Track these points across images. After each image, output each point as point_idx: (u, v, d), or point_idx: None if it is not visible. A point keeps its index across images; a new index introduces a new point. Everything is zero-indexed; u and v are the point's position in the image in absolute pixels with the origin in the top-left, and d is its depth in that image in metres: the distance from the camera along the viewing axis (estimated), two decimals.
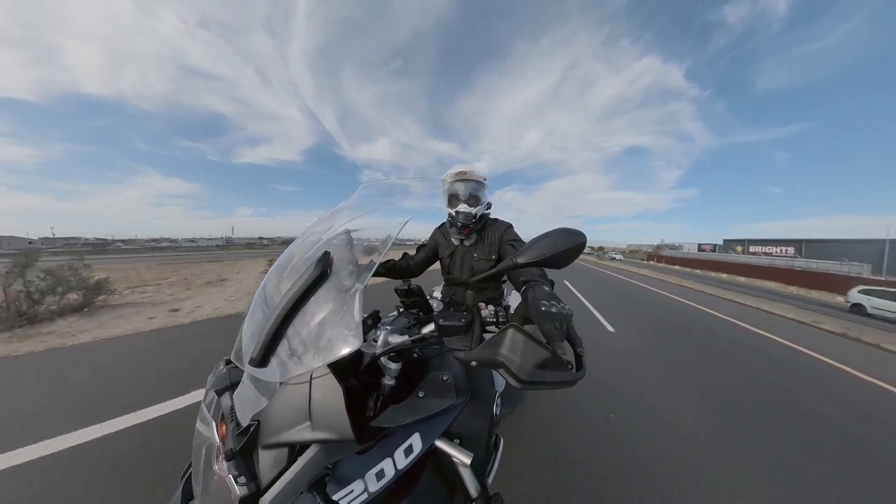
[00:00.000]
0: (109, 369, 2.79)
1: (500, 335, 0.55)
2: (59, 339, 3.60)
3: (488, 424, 0.81)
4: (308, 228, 0.82)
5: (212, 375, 0.79)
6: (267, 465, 0.56)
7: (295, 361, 0.58)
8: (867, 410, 2.89)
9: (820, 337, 6.13)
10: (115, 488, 1.48)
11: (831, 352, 4.97)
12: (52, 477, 1.54)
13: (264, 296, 0.70)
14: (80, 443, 1.78)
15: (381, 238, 0.73)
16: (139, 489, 1.48)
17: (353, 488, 0.57)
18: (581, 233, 0.59)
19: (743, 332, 5.87)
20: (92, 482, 1.51)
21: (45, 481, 1.51)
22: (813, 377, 3.70)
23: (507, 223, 1.52)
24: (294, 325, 0.59)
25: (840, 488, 1.80)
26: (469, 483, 0.67)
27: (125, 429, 1.92)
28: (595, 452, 1.91)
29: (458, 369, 0.77)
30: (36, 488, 1.47)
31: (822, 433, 2.39)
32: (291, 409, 0.58)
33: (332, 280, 0.62)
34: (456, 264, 1.56)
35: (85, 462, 1.65)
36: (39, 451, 1.70)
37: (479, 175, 1.44)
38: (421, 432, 0.65)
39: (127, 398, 2.25)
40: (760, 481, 1.80)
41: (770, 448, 2.13)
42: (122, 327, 4.11)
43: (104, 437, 1.84)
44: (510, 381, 0.53)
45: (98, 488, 1.48)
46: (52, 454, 1.69)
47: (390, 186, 0.95)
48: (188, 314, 4.90)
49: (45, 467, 1.60)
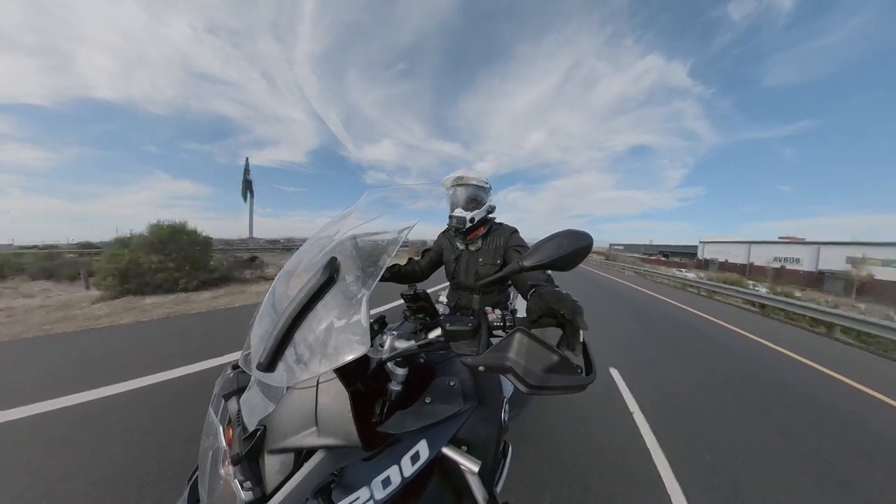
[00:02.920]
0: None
1: (507, 339, 0.55)
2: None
3: (496, 431, 0.80)
4: (315, 233, 0.83)
5: (219, 380, 0.80)
6: (273, 471, 0.56)
7: (302, 366, 0.59)
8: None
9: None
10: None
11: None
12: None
13: (272, 301, 0.71)
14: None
15: (388, 243, 0.73)
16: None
17: (358, 495, 0.57)
18: (587, 234, 0.59)
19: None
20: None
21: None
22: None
23: (512, 228, 1.52)
24: (301, 330, 0.59)
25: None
26: (477, 491, 0.66)
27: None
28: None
29: (465, 374, 0.76)
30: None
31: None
32: (298, 415, 0.58)
33: (338, 285, 0.62)
34: (461, 269, 1.56)
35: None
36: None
37: (477, 179, 1.43)
38: (428, 439, 0.65)
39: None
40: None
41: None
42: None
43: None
44: (518, 385, 0.52)
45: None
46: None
47: (396, 191, 0.95)
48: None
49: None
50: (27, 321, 4.20)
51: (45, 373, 2.60)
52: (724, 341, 4.99)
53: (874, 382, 3.64)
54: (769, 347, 4.88)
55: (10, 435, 1.82)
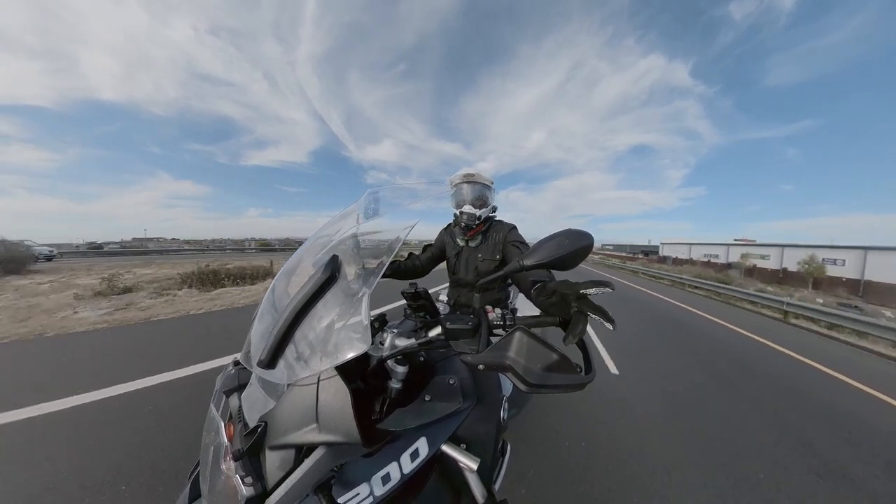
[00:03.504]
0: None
1: (507, 338, 0.55)
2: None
3: (495, 429, 0.80)
4: (317, 232, 0.83)
5: (221, 376, 0.80)
6: (274, 466, 0.56)
7: (302, 364, 0.59)
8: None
9: None
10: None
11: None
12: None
13: (273, 298, 0.71)
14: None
15: (389, 242, 0.73)
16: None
17: (358, 491, 0.57)
18: (588, 234, 0.59)
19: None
20: None
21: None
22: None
23: (510, 224, 1.53)
24: (302, 327, 0.59)
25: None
26: (475, 489, 0.66)
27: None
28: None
29: (465, 373, 0.76)
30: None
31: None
32: (298, 411, 0.58)
33: (340, 283, 0.62)
34: (461, 265, 1.57)
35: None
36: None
37: (486, 178, 1.46)
38: (427, 436, 0.65)
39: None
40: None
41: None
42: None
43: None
44: (518, 384, 0.52)
45: None
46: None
47: (397, 190, 0.95)
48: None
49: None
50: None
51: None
52: (643, 299, 9.49)
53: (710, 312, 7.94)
54: (666, 301, 9.33)
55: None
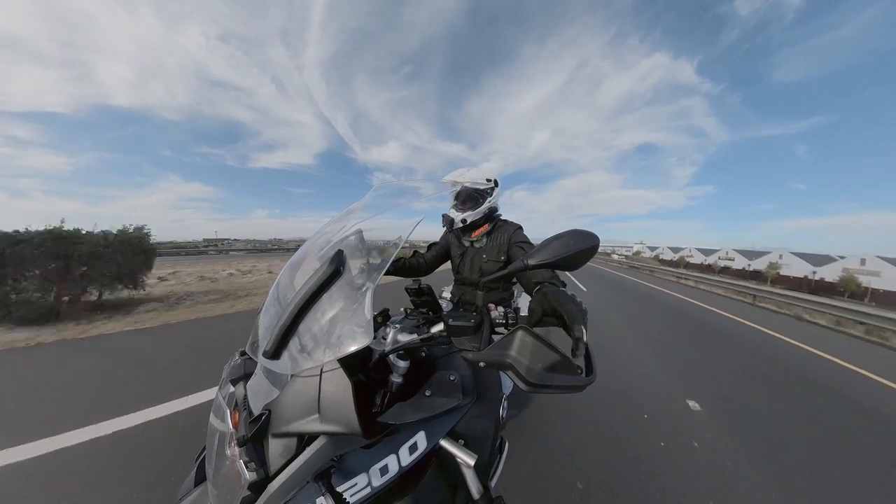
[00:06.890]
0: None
1: (509, 337, 0.55)
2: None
3: (494, 426, 0.81)
4: (322, 228, 0.84)
5: (227, 365, 0.82)
6: (276, 453, 0.58)
7: (306, 355, 0.60)
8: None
9: None
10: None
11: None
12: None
13: (278, 291, 0.72)
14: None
15: (393, 238, 0.74)
16: None
17: (357, 481, 0.59)
18: (594, 234, 0.59)
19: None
20: None
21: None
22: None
23: (516, 225, 1.52)
24: (307, 320, 0.60)
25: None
26: (472, 484, 0.67)
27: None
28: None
29: (466, 370, 0.77)
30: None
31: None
32: (301, 401, 0.60)
33: (344, 278, 0.63)
34: (466, 264, 1.57)
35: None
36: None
37: (473, 180, 1.43)
38: (426, 431, 0.66)
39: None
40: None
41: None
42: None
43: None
44: (518, 383, 0.53)
45: None
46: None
47: (402, 188, 0.96)
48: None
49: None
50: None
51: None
52: (619, 280, 13.05)
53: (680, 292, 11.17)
54: (636, 281, 12.63)
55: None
